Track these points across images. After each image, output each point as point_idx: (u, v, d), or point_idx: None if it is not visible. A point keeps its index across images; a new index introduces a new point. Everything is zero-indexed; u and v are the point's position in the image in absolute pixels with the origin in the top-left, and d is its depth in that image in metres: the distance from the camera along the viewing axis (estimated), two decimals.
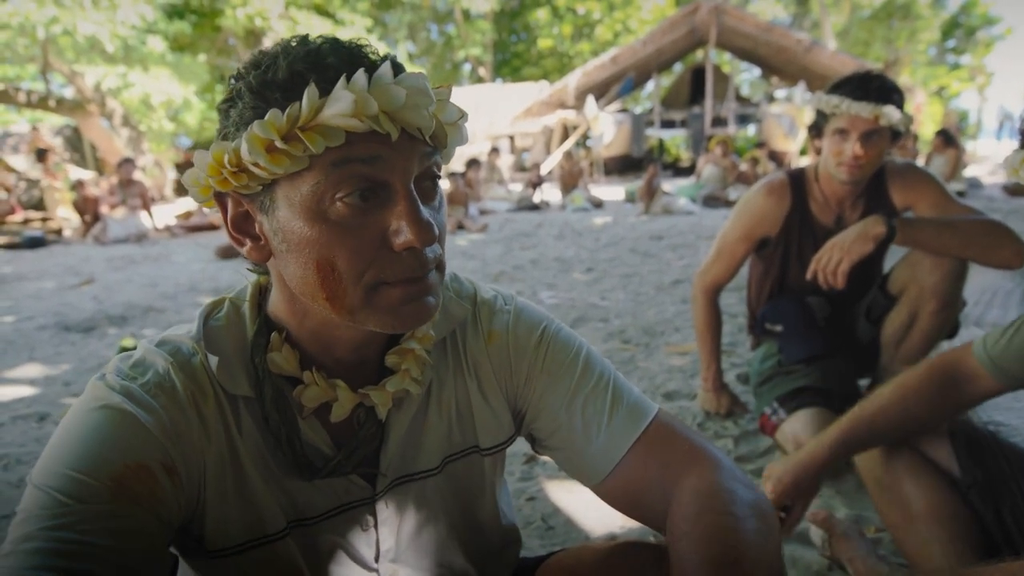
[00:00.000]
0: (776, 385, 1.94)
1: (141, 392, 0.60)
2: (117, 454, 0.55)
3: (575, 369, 0.75)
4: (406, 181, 0.58)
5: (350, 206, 0.56)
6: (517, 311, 0.78)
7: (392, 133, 0.55)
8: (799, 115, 13.85)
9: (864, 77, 1.71)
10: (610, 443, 0.72)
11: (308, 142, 0.53)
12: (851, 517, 1.51)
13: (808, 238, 1.93)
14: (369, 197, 0.57)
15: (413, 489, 0.73)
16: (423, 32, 28.49)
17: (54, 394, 2.71)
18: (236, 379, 0.64)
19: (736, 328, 3.12)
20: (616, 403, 0.73)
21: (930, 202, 1.85)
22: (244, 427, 0.65)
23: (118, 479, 0.54)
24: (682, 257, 5.39)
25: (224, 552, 0.65)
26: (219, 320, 0.68)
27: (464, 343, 0.76)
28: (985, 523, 1.14)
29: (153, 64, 13.30)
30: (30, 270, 6.20)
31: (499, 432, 0.78)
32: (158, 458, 0.57)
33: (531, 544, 1.53)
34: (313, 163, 0.55)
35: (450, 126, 0.60)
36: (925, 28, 24.58)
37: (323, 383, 0.66)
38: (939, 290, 1.77)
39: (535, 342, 0.76)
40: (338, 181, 0.56)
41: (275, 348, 0.66)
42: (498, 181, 11.96)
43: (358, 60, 0.56)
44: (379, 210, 0.58)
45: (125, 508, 0.53)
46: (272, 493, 0.66)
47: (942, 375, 1.15)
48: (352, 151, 0.55)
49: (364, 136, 0.55)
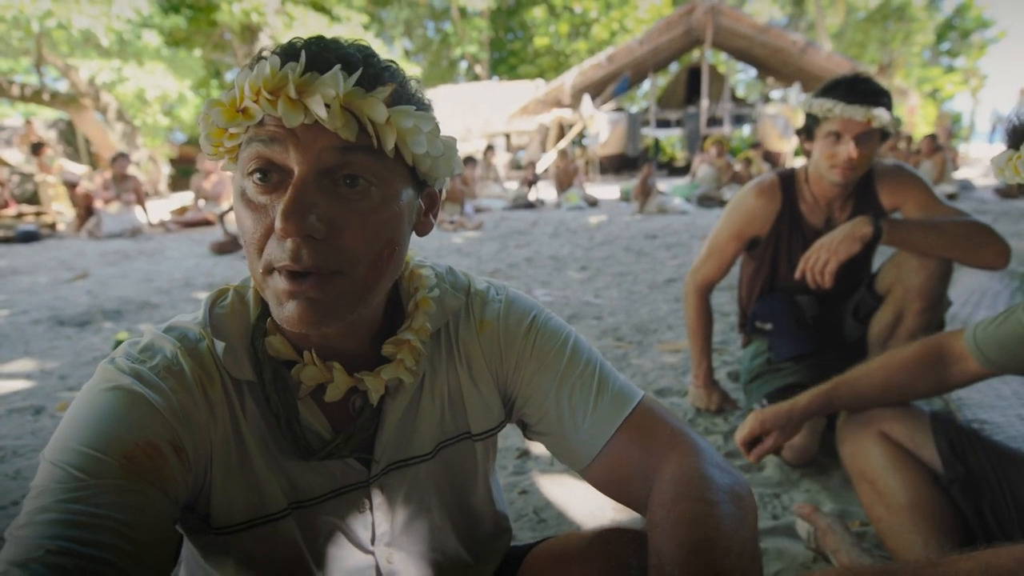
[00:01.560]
0: (765, 382, 1.96)
1: (151, 374, 0.62)
2: (127, 432, 0.57)
3: (563, 356, 0.77)
4: (303, 170, 0.58)
5: (256, 185, 0.60)
6: (508, 301, 0.80)
7: (287, 119, 0.56)
8: (794, 116, 13.91)
9: (854, 80, 1.73)
10: (595, 428, 0.74)
11: (245, 119, 0.58)
12: (836, 511, 1.54)
13: (798, 238, 1.96)
14: (268, 179, 0.59)
15: (407, 474, 0.75)
16: (420, 29, 28.44)
17: (50, 388, 2.72)
18: (240, 364, 0.67)
19: (727, 326, 3.14)
20: (602, 389, 0.75)
21: (917, 203, 1.88)
22: (248, 410, 0.67)
23: (128, 456, 0.56)
24: (676, 256, 5.42)
25: (228, 529, 0.67)
26: (224, 307, 0.70)
27: (456, 333, 0.78)
28: (966, 518, 1.17)
29: (148, 59, 13.24)
30: (24, 264, 6.18)
31: (489, 418, 0.80)
32: (166, 437, 0.59)
33: (523, 536, 1.55)
34: (248, 139, 0.60)
35: (408, 131, 0.60)
36: (920, 30, 24.72)
37: (320, 364, 0.68)
38: (924, 290, 1.80)
39: (524, 330, 0.78)
40: (247, 158, 0.60)
41: (272, 332, 0.68)
42: (493, 179, 11.97)
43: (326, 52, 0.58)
44: (279, 193, 0.59)
45: (135, 483, 0.55)
46: (273, 474, 0.68)
47: (930, 352, 1.23)
48: (260, 130, 0.59)
49: (275, 119, 0.58)
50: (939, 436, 1.24)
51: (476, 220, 8.17)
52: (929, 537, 1.14)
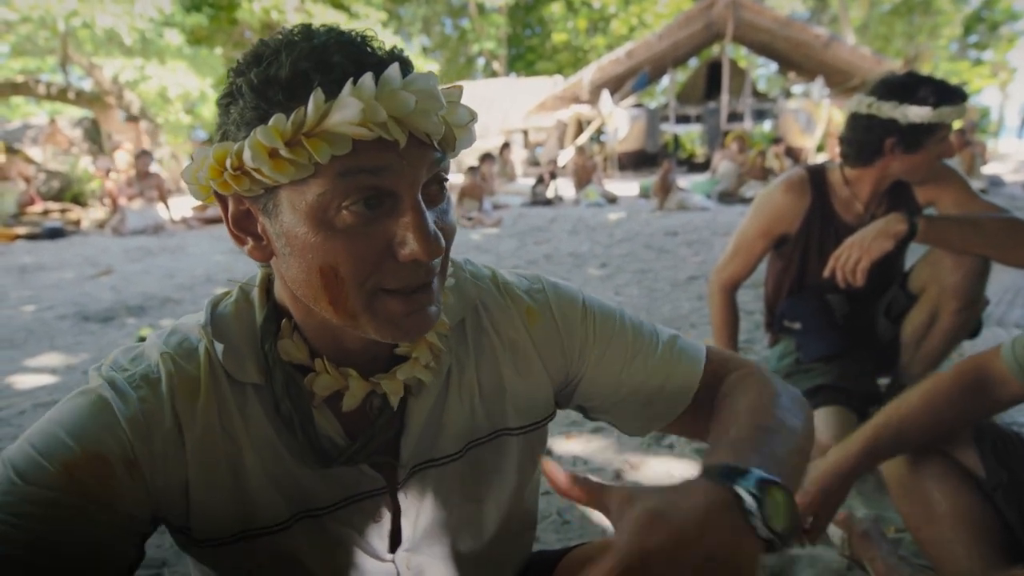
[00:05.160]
0: (794, 383, 1.91)
1: (124, 382, 0.61)
2: (78, 441, 0.56)
3: (626, 333, 0.78)
4: (414, 191, 0.56)
5: (356, 215, 0.55)
6: (553, 289, 0.80)
7: (400, 140, 0.53)
8: (816, 111, 13.69)
9: (934, 80, 1.68)
10: (683, 382, 0.77)
11: (313, 150, 0.52)
12: (871, 517, 1.50)
13: (830, 235, 1.90)
14: (375, 206, 0.55)
15: (432, 475, 0.72)
16: (437, 26, 28.49)
17: (74, 383, 2.75)
18: (243, 366, 0.64)
19: (752, 325, 3.09)
20: (671, 349, 0.79)
21: (953, 198, 1.83)
22: (250, 415, 0.64)
23: (70, 467, 0.55)
24: (697, 253, 5.36)
25: (216, 541, 0.64)
26: (227, 307, 0.67)
27: (493, 325, 0.75)
28: (1010, 525, 1.12)
29: (170, 57, 13.42)
30: (50, 260, 6.28)
31: (533, 411, 0.77)
32: (118, 452, 0.57)
33: (547, 538, 1.53)
34: (319, 170, 0.54)
35: (459, 128, 0.59)
36: (947, 23, 24.25)
37: (334, 372, 0.65)
38: (961, 289, 1.74)
39: (580, 316, 0.78)
40: (345, 191, 0.54)
41: (285, 335, 0.65)
42: (509, 177, 11.93)
43: (364, 59, 0.54)
44: (385, 218, 0.56)
45: (68, 497, 0.54)
46: (276, 483, 0.65)
47: (970, 380, 1.13)
48: (359, 161, 0.53)
49: (371, 143, 0.53)
50: (980, 441, 1.19)
51: (495, 217, 8.15)
52: (972, 546, 1.10)
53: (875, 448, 1.15)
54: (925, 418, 1.14)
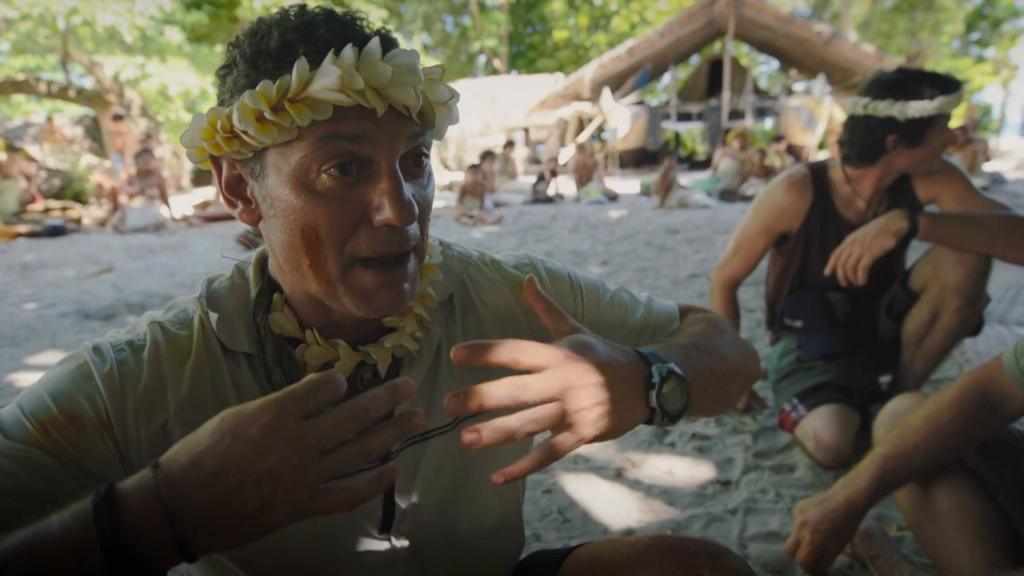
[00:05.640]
0: (796, 381, 1.92)
1: (107, 347, 0.64)
2: (55, 402, 0.59)
3: (611, 299, 0.84)
4: (391, 160, 0.59)
5: (335, 178, 0.58)
6: (541, 263, 0.83)
7: (378, 108, 0.57)
8: (818, 108, 13.66)
9: (928, 73, 1.69)
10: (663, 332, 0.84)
11: (295, 114, 0.56)
12: (873, 515, 1.50)
13: (831, 232, 1.90)
14: (352, 171, 0.59)
15: (423, 448, 0.73)
16: (438, 23, 28.43)
17: None
18: (236, 336, 0.67)
19: (753, 323, 3.09)
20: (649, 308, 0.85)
21: (954, 195, 1.82)
22: (242, 384, 0.67)
23: (44, 425, 0.58)
24: (698, 251, 5.36)
25: None
26: (223, 283, 0.71)
27: (482, 297, 0.77)
28: (1013, 524, 1.12)
29: (170, 55, 13.38)
30: (51, 258, 6.29)
31: None
32: (91, 413, 0.60)
33: (548, 537, 1.53)
34: (302, 134, 0.57)
35: (440, 106, 0.62)
36: (949, 20, 24.16)
37: (324, 343, 0.67)
38: (962, 287, 1.73)
39: (568, 287, 0.82)
40: (324, 155, 0.58)
41: (277, 308, 0.68)
42: (510, 175, 11.91)
43: (349, 34, 0.58)
44: (363, 184, 0.60)
45: (39, 452, 0.57)
46: None
47: (975, 399, 1.10)
48: (339, 127, 0.57)
49: (351, 111, 0.57)
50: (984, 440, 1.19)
51: (496, 214, 8.14)
52: (974, 545, 1.09)
53: (884, 480, 1.14)
54: (933, 446, 1.12)
